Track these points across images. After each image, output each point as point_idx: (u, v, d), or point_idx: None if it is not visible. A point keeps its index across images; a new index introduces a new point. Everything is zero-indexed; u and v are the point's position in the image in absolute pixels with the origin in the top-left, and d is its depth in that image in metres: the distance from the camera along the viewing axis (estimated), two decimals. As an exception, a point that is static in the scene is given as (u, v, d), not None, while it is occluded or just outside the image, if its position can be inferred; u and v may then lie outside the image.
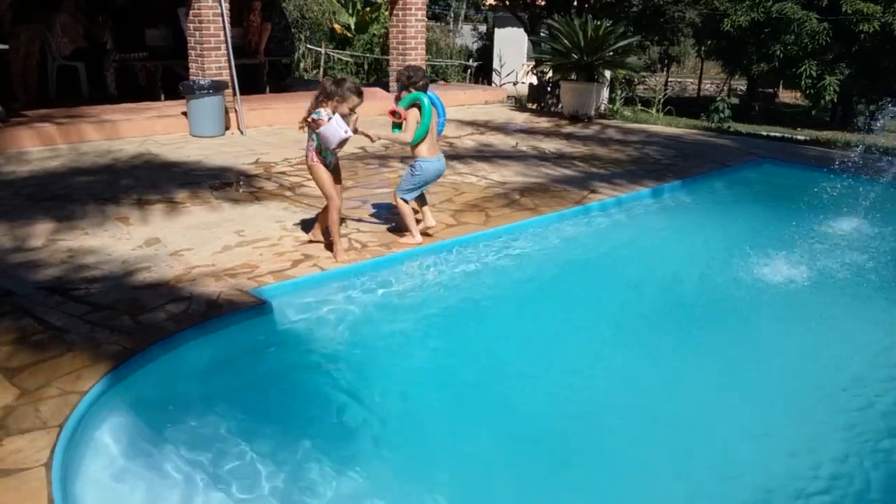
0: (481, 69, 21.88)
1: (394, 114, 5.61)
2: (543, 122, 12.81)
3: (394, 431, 3.86)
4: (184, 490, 3.21)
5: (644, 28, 16.94)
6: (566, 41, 12.77)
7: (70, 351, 3.92)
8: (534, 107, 14.50)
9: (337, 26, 22.72)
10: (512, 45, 23.09)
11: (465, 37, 29.34)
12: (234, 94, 10.32)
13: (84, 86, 11.34)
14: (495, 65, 19.55)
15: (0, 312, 4.35)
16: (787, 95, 19.66)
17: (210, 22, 10.22)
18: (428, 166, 5.79)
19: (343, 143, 5.17)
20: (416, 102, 5.59)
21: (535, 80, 14.83)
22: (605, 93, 14.04)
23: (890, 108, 8.68)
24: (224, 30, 10.30)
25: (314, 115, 5.18)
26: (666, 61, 24.70)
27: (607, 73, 13.89)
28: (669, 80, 19.99)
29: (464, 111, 13.59)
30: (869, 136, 9.11)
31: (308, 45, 21.68)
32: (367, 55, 20.68)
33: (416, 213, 6.02)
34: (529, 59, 18.09)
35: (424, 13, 13.58)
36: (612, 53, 12.91)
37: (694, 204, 8.31)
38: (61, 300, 4.56)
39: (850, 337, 5.18)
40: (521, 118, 13.25)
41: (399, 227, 6.08)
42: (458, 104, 14.08)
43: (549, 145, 10.53)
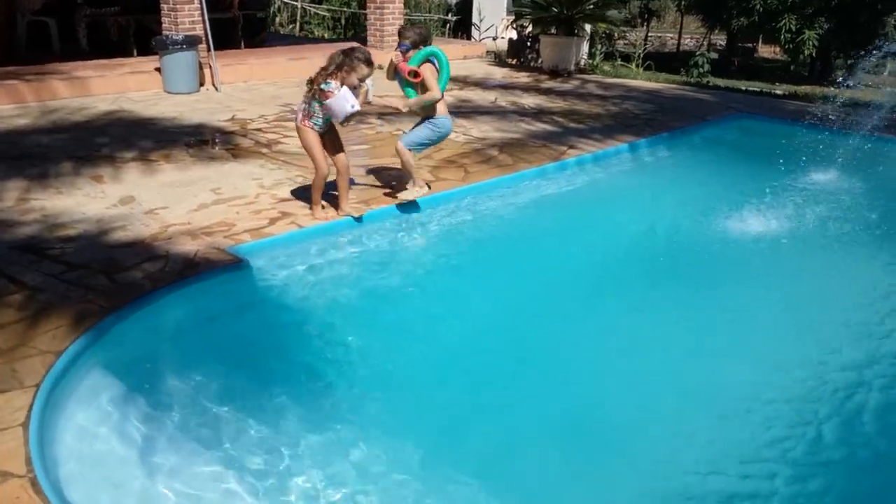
0: (460, 24, 21.58)
1: (411, 73, 5.40)
2: (523, 77, 12.71)
3: (372, 385, 3.88)
4: (161, 447, 3.23)
5: (624, -19, 16.78)
6: (546, -6, 12.61)
7: (46, 310, 3.89)
8: (513, 62, 14.37)
9: (313, -21, 22.26)
10: (491, -2, 22.76)
11: (444, -10, 28.88)
12: (209, 50, 10.12)
13: (55, 42, 11.08)
14: (475, 19, 19.27)
15: (-27, 273, 4.31)
16: (766, 50, 19.63)
17: (182, -26, 9.98)
18: (446, 123, 5.69)
19: (350, 117, 5.03)
20: (429, 58, 5.46)
21: (514, 35, 14.66)
22: (585, 47, 13.94)
23: (866, 62, 8.69)
24: (197, -17, 10.07)
25: (323, 86, 4.97)
26: (646, 16, 24.49)
27: (587, 28, 13.77)
28: (649, 34, 19.85)
29: (442, 66, 13.42)
30: (847, 90, 9.15)
31: (284, -1, 21.26)
32: (345, 9, 20.31)
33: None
34: (509, 13, 17.85)
35: (402, -34, 13.33)
36: (592, 7, 12.80)
37: (672, 158, 8.33)
38: (36, 259, 4.52)
39: (827, 285, 5.31)
40: (501, 73, 13.13)
41: (392, 185, 6.05)
42: (437, 59, 13.90)
43: (529, 100, 10.47)
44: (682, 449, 3.50)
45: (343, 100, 4.91)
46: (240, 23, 12.69)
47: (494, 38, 17.70)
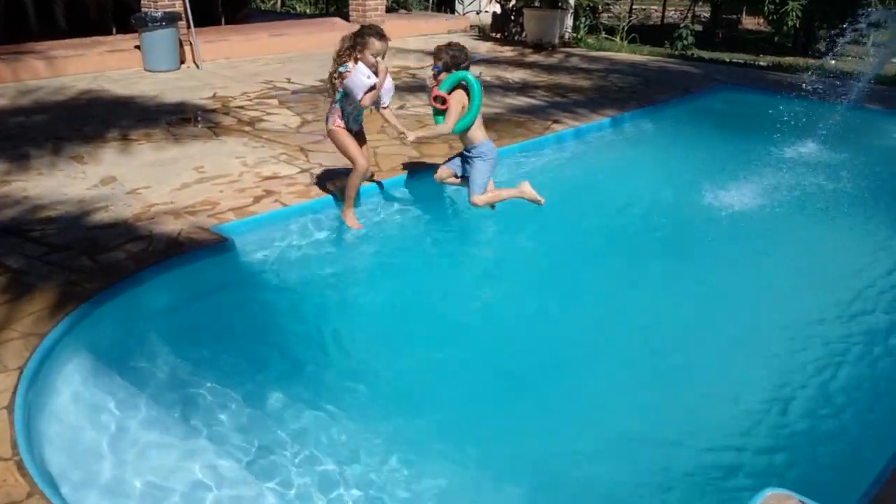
0: (444, -3, 21.41)
1: (437, 99, 4.88)
2: (507, 52, 12.64)
3: (356, 363, 3.91)
4: (148, 427, 3.23)
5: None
6: (529, -33, 12.52)
7: (29, 293, 3.86)
8: (497, 36, 14.28)
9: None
10: (475, -29, 22.56)
11: (427, -37, 28.59)
12: (189, 27, 9.99)
13: (32, 20, 10.89)
14: (458, -7, 19.14)
15: (-46, 256, 4.27)
16: (750, 22, 19.57)
17: (160, -50, 9.82)
18: (492, 148, 5.12)
19: (370, 91, 4.67)
20: (462, 83, 4.90)
21: (498, 9, 14.55)
22: (569, 21, 13.84)
23: (849, 32, 8.69)
24: (175, -42, 9.92)
25: (340, 69, 4.70)
26: (630, -12, 24.36)
27: (571, 0, 13.68)
28: (634, 7, 19.73)
29: (426, 41, 13.33)
30: (829, 61, 9.16)
31: (265, -26, 20.97)
32: (327, -16, 20.08)
33: (455, 178, 5.38)
34: (492, -14, 17.72)
35: (384, -61, 13.18)
36: (575, -21, 12.71)
37: (657, 131, 8.34)
38: (18, 241, 4.48)
39: (805, 252, 5.43)
40: (485, 48, 13.05)
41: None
42: (420, 34, 13.81)
43: (513, 75, 10.41)
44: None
45: (359, 73, 4.62)
46: (220, -2, 12.54)
47: (478, 12, 17.55)
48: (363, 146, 5.14)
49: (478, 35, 14.49)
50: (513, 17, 14.04)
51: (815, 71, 8.79)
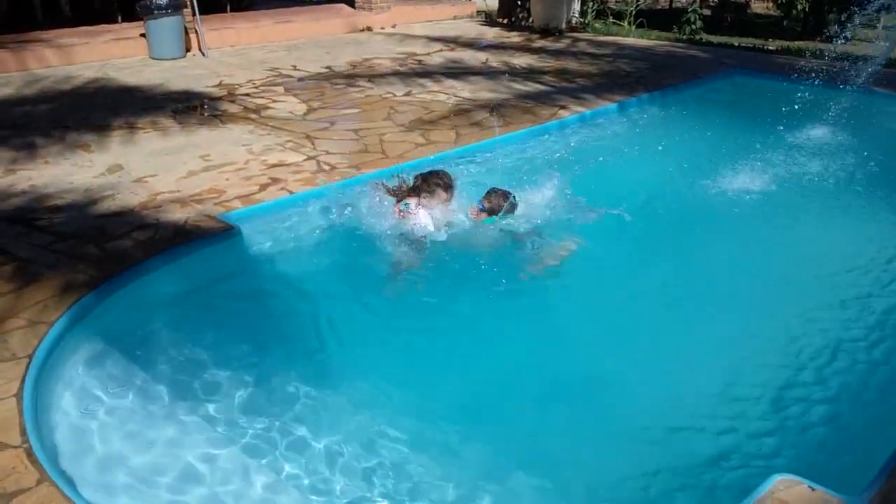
0: (449, -17, 21.32)
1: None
2: (514, 37, 12.57)
3: (362, 349, 3.90)
4: (154, 414, 3.23)
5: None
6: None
7: (36, 281, 3.86)
8: (504, 21, 14.20)
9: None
10: (481, -43, 22.44)
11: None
12: (194, 14, 9.97)
13: (37, 9, 10.89)
14: (464, -22, 19.05)
15: (-39, 245, 4.27)
16: (758, 6, 19.38)
17: (164, -63, 9.77)
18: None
19: (423, 236, 4.81)
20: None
21: (504, -6, 14.48)
22: (577, 5, 13.75)
23: (859, 16, 8.60)
24: (179, -55, 9.87)
25: (402, 206, 4.83)
26: (638, -28, 24.18)
27: (578, -15, 13.60)
28: (641, -9, 19.61)
29: (432, 27, 13.29)
30: (839, 46, 9.06)
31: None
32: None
33: None
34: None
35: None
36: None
37: (665, 116, 8.27)
38: (25, 230, 4.48)
39: (809, 236, 5.40)
40: (491, 33, 12.98)
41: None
42: (426, 19, 13.76)
43: (520, 60, 10.35)
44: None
45: (420, 219, 4.76)
46: (225, -14, 12.50)
47: (484, -2, 17.48)
48: None
49: (484, 20, 14.42)
50: (519, 2, 13.97)
51: (825, 54, 8.71)
